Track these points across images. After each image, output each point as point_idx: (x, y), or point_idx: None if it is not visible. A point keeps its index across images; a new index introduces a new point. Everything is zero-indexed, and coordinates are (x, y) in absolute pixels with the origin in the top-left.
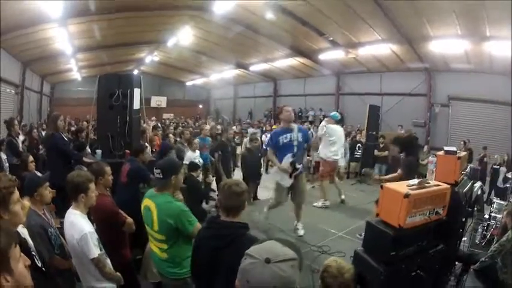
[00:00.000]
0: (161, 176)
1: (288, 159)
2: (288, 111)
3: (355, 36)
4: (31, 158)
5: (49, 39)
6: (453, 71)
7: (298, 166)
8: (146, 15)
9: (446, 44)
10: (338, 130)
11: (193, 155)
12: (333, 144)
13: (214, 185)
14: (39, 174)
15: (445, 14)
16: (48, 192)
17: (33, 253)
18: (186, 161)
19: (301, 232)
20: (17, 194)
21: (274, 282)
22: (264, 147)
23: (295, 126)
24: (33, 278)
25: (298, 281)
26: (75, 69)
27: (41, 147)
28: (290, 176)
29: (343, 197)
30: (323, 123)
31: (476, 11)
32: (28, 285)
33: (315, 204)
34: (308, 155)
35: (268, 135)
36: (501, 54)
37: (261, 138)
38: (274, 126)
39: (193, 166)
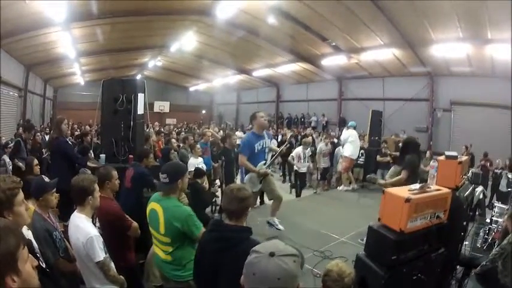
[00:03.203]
0: (167, 181)
1: (261, 166)
2: (263, 117)
3: (357, 41)
4: (36, 161)
5: (52, 43)
6: (455, 75)
7: (269, 170)
8: (149, 20)
9: (448, 47)
10: (354, 134)
11: (196, 161)
12: (353, 144)
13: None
14: (46, 179)
15: (447, 17)
16: (54, 198)
17: (37, 255)
18: (190, 168)
19: (280, 226)
20: (21, 195)
21: (278, 274)
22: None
23: (264, 132)
24: (38, 280)
25: (300, 279)
26: (78, 73)
27: (44, 150)
28: (260, 182)
29: (355, 186)
30: (349, 130)
31: (477, 13)
32: (36, 285)
33: (342, 188)
34: (312, 161)
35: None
36: (503, 57)
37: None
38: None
39: (199, 173)
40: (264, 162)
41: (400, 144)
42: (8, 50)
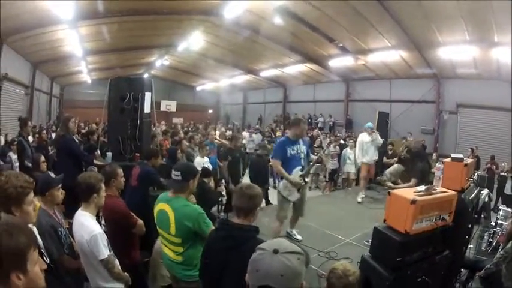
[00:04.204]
0: (180, 178)
1: (297, 172)
2: (305, 124)
3: (364, 43)
4: (43, 158)
5: (59, 41)
6: (462, 77)
7: (307, 179)
8: (157, 19)
9: (455, 50)
10: None
11: (202, 161)
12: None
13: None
14: (52, 175)
15: (454, 20)
16: (59, 194)
17: (42, 251)
18: (197, 167)
19: (298, 237)
20: (31, 195)
21: (281, 271)
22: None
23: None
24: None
25: (304, 277)
26: (85, 71)
27: (50, 148)
28: (298, 190)
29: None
30: (373, 134)
31: (484, 16)
32: (41, 286)
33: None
34: (319, 162)
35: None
36: (508, 60)
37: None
38: (277, 133)
39: (206, 172)
40: (300, 168)
41: (405, 151)
42: (14, 47)
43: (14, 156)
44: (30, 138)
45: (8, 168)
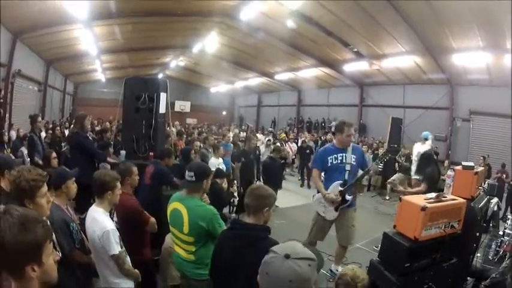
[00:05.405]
0: (194, 179)
1: (336, 187)
2: (350, 135)
3: (379, 48)
4: (54, 155)
5: (74, 40)
6: (475, 84)
7: (348, 197)
8: (172, 21)
9: (468, 56)
10: None
11: (217, 162)
12: None
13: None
14: (67, 169)
15: (466, 25)
16: (74, 187)
17: (54, 244)
18: (211, 168)
19: None
20: (45, 188)
21: (290, 277)
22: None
23: (351, 146)
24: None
25: (314, 281)
26: (99, 70)
27: (63, 144)
28: (336, 209)
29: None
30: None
31: (496, 21)
32: (54, 278)
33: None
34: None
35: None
36: None
37: None
38: (283, 135)
39: (220, 173)
40: (340, 182)
41: (403, 159)
42: (28, 44)
43: (25, 152)
44: (43, 134)
45: (20, 163)
